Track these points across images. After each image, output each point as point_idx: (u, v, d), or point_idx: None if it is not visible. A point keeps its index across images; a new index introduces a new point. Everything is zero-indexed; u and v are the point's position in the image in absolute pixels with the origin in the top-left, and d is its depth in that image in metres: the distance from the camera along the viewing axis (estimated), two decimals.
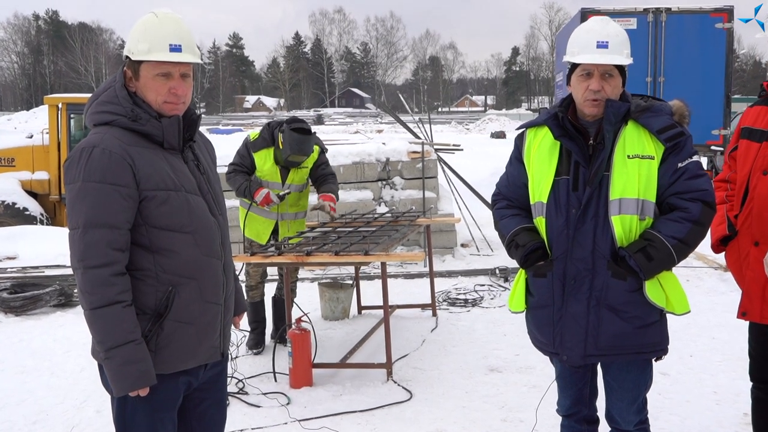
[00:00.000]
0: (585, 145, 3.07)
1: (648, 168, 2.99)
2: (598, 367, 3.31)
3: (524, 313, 3.33)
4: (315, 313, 7.12)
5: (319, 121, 65.65)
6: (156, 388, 2.63)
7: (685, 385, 5.30)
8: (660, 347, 3.13)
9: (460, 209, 10.67)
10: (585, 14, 13.53)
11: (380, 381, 5.48)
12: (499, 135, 44.85)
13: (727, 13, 13.29)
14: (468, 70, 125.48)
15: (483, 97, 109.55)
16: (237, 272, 3.30)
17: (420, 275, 8.89)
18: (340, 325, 7.11)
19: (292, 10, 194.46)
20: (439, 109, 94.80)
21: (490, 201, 10.90)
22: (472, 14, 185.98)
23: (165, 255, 2.65)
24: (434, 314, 7.26)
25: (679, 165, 3.00)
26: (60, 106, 13.19)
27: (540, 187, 3.14)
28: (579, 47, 3.05)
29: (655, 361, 3.19)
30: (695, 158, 3.03)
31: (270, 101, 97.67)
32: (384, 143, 10.40)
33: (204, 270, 2.74)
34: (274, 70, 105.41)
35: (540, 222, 3.17)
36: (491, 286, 8.42)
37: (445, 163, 10.84)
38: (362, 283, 7.88)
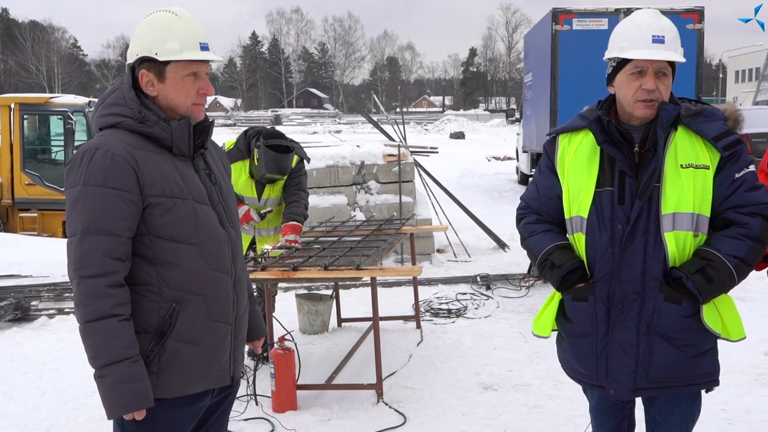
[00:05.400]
0: (630, 152, 2.74)
1: (703, 179, 2.67)
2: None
3: (548, 337, 2.99)
4: (292, 326, 6.72)
5: (277, 121, 65.04)
6: (160, 414, 2.43)
7: None
8: (713, 377, 2.83)
9: (436, 213, 10.35)
10: (557, 14, 13.36)
11: (370, 403, 5.10)
12: (458, 135, 44.78)
13: (698, 14, 13.21)
14: (426, 70, 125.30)
15: (441, 98, 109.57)
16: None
17: (398, 284, 8.52)
18: (320, 339, 6.70)
19: (245, 9, 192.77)
20: (397, 110, 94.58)
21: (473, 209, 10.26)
22: (429, 15, 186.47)
23: (168, 268, 2.46)
24: (418, 326, 6.91)
25: (737, 176, 2.68)
26: (12, 106, 12.54)
27: (578, 199, 2.79)
28: (630, 41, 2.70)
29: (706, 392, 2.88)
30: (751, 168, 2.71)
31: (227, 101, 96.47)
32: (358, 146, 10.01)
33: (210, 285, 2.53)
34: (230, 69, 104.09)
35: (579, 239, 2.82)
36: (473, 294, 8.09)
37: (422, 167, 10.51)
38: (340, 293, 7.49)
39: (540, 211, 3.01)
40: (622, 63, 2.73)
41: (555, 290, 2.92)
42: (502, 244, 10.49)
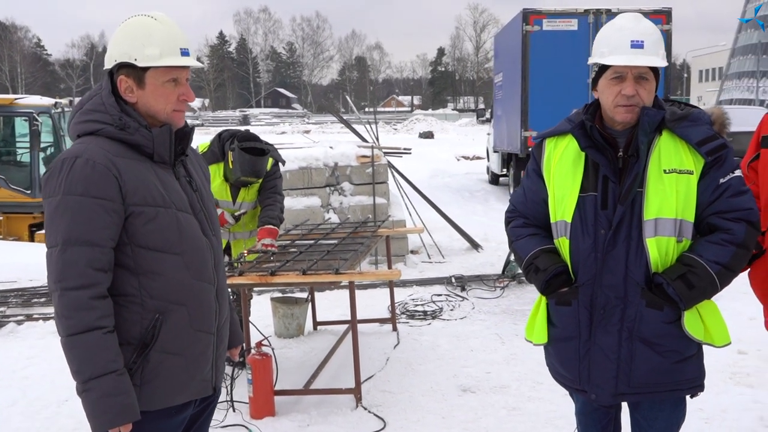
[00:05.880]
0: (614, 157, 2.74)
1: (687, 184, 2.66)
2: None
3: (546, 343, 2.97)
4: (267, 330, 6.65)
5: (245, 121, 64.69)
6: (144, 427, 2.38)
7: None
8: (697, 383, 2.82)
9: (410, 214, 10.33)
10: (527, 15, 13.41)
11: (349, 408, 5.07)
12: (427, 135, 44.84)
13: (666, 15, 13.34)
14: (394, 70, 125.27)
15: (409, 98, 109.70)
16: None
17: (373, 286, 8.49)
18: (296, 343, 6.65)
19: (212, 9, 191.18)
20: (366, 110, 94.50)
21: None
22: (397, 15, 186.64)
23: (151, 278, 2.41)
24: (394, 329, 6.88)
25: (721, 181, 2.68)
26: None
27: (563, 204, 2.79)
28: (610, 47, 2.70)
29: (691, 398, 2.88)
30: (737, 173, 2.72)
31: (194, 101, 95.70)
32: (332, 147, 9.96)
33: (194, 295, 2.49)
34: (197, 69, 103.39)
35: (563, 243, 2.82)
36: (449, 296, 8.09)
37: (395, 168, 10.48)
38: (315, 296, 7.43)
39: (527, 215, 3.00)
40: (603, 68, 2.73)
41: (540, 294, 2.91)
42: (475, 245, 10.50)
